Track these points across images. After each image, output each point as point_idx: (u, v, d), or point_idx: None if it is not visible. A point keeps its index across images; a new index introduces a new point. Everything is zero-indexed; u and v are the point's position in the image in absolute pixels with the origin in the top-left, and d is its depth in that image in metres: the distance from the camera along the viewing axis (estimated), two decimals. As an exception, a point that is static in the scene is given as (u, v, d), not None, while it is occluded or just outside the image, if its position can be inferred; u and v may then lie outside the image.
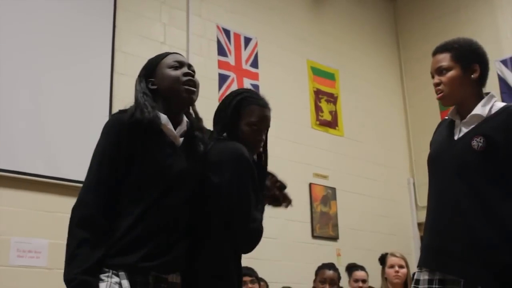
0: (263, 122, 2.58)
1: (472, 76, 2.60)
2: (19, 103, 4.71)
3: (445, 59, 2.65)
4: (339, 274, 5.08)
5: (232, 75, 6.53)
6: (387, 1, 9.04)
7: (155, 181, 2.24)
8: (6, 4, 4.88)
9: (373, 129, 7.97)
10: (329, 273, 5.03)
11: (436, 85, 2.64)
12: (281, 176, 6.81)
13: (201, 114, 2.55)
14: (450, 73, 2.61)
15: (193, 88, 2.39)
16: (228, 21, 6.73)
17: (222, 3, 6.74)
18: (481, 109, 2.53)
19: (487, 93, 2.62)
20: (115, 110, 5.42)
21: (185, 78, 2.38)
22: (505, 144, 2.41)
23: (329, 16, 8.00)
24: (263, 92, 6.90)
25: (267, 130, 2.61)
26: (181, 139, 2.38)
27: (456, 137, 2.56)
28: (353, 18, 8.33)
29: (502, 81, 7.58)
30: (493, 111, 2.53)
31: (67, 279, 2.06)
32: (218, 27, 6.60)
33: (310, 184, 6.92)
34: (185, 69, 2.42)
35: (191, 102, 2.44)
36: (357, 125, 7.71)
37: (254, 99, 2.61)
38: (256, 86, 6.70)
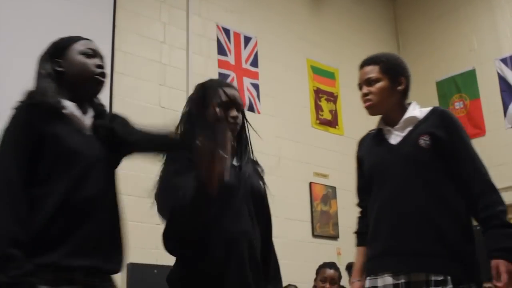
0: (230, 100, 2.47)
1: (399, 88, 2.72)
2: (19, 102, 4.71)
3: (373, 71, 2.74)
4: (340, 273, 5.09)
5: (232, 74, 6.53)
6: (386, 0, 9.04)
7: (66, 169, 2.07)
8: (5, 3, 4.88)
9: (373, 128, 7.96)
10: (330, 272, 5.04)
11: (365, 95, 2.74)
12: (281, 175, 6.79)
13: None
14: (379, 84, 2.71)
15: (103, 80, 2.30)
16: (228, 20, 6.73)
17: (221, 2, 6.74)
18: (414, 112, 2.67)
19: (409, 103, 2.76)
20: (115, 109, 5.44)
21: (98, 70, 2.28)
22: (447, 140, 2.55)
23: (329, 15, 8.00)
24: (263, 91, 6.94)
25: (242, 110, 2.56)
26: (88, 126, 2.24)
27: (394, 142, 2.65)
28: (353, 16, 8.33)
29: (502, 79, 7.59)
30: (423, 114, 2.67)
31: None
32: (218, 26, 6.60)
33: (310, 183, 6.92)
34: (98, 61, 2.31)
35: (98, 93, 2.33)
36: (357, 124, 7.68)
37: (215, 83, 2.56)
38: (256, 85, 6.70)
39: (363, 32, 8.37)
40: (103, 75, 2.29)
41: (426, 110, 2.68)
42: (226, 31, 6.66)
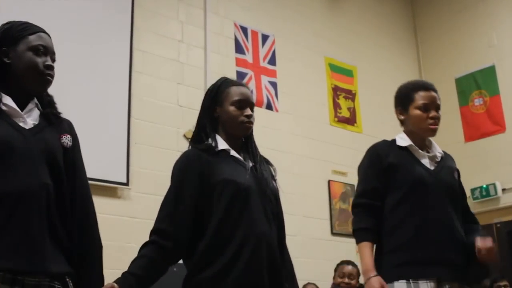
0: (245, 100, 2.50)
1: None
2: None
3: (439, 99, 2.98)
4: (358, 270, 5.08)
5: (250, 72, 6.53)
6: (405, -4, 8.99)
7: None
8: (25, 4, 4.91)
9: (391, 125, 7.85)
10: (348, 268, 5.07)
11: (437, 118, 2.92)
12: (300, 173, 6.80)
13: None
14: (439, 113, 2.95)
15: (51, 80, 2.17)
16: (246, 18, 6.73)
17: (239, 0, 6.74)
18: (438, 149, 2.97)
19: None
20: (133, 108, 5.48)
21: (46, 71, 2.14)
22: (458, 182, 2.97)
23: (346, 13, 7.97)
24: (281, 89, 6.94)
25: (252, 108, 2.55)
26: (31, 121, 2.12)
27: (429, 166, 2.88)
28: (371, 14, 8.29)
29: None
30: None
31: None
32: (235, 24, 6.60)
33: (329, 181, 6.90)
34: (48, 60, 2.17)
35: (44, 91, 2.22)
36: (376, 122, 7.67)
37: (230, 82, 2.57)
38: (274, 83, 6.69)
39: (381, 30, 8.33)
40: (50, 75, 2.16)
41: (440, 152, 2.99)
42: (244, 30, 6.66)
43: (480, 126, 7.74)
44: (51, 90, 2.26)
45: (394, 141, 2.96)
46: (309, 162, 6.72)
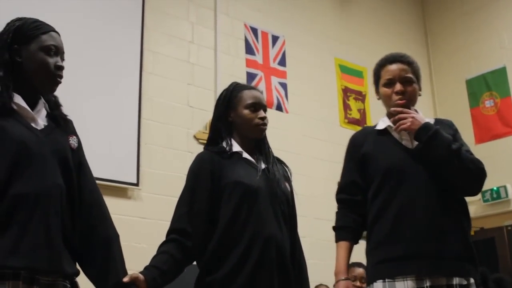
0: (258, 103, 2.54)
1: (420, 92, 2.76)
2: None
3: (408, 71, 2.68)
4: (368, 272, 5.07)
5: (260, 73, 6.53)
6: (415, -3, 8.97)
7: (9, 165, 1.96)
8: (36, 5, 4.93)
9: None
10: (360, 270, 5.03)
11: (402, 93, 2.66)
12: (309, 174, 6.80)
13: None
14: (413, 86, 2.69)
15: (60, 80, 2.18)
16: (256, 19, 6.73)
17: (249, 1, 6.75)
18: (428, 119, 2.66)
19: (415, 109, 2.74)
20: (144, 108, 5.49)
21: (57, 72, 2.15)
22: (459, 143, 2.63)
23: (356, 13, 7.96)
24: (291, 90, 6.93)
25: (265, 110, 2.58)
26: (41, 122, 2.13)
27: (410, 145, 2.59)
28: (381, 14, 8.28)
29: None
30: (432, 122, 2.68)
31: None
32: (245, 25, 6.60)
33: (339, 183, 6.88)
34: (58, 61, 2.17)
35: (53, 92, 2.22)
36: (386, 123, 7.65)
37: (242, 86, 2.61)
38: (284, 84, 6.69)
39: (392, 30, 8.31)
40: (60, 76, 2.17)
41: (431, 119, 2.71)
42: (254, 30, 6.66)
43: (491, 128, 7.70)
44: (62, 90, 2.27)
45: (375, 125, 2.78)
46: (319, 163, 6.70)
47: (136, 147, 5.33)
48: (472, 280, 2.41)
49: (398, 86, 2.64)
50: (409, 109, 2.64)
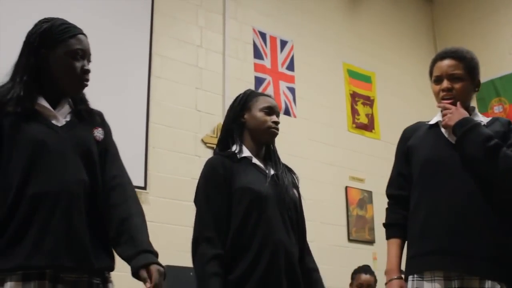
0: (273, 108, 2.60)
1: (476, 91, 2.68)
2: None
3: (458, 67, 2.62)
4: (375, 277, 5.04)
5: (268, 78, 6.53)
6: (424, 2, 8.94)
7: (25, 166, 1.97)
8: (44, 8, 4.95)
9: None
10: (366, 277, 5.01)
11: (448, 90, 2.61)
12: (317, 179, 6.82)
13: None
14: (462, 84, 2.62)
15: (87, 84, 2.21)
16: (264, 24, 6.74)
17: (258, 6, 6.76)
18: (480, 118, 2.60)
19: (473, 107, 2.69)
20: (152, 112, 5.50)
21: (84, 76, 2.18)
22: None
23: (365, 19, 7.95)
24: (299, 94, 6.93)
25: (278, 117, 2.63)
26: (63, 118, 2.14)
27: (452, 140, 2.54)
28: (389, 20, 8.27)
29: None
30: (485, 121, 2.61)
31: None
32: (254, 30, 6.61)
33: (346, 187, 6.88)
34: (85, 64, 2.20)
35: (79, 95, 2.25)
36: (394, 128, 7.60)
37: (258, 93, 2.69)
38: (292, 89, 6.69)
39: (400, 36, 8.30)
40: (87, 79, 2.20)
41: (486, 118, 2.65)
42: (262, 35, 6.67)
43: (499, 134, 7.67)
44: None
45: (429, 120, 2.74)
46: (327, 168, 6.70)
47: (144, 150, 5.34)
48: (499, 287, 2.31)
49: (444, 83, 2.61)
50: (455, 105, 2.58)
